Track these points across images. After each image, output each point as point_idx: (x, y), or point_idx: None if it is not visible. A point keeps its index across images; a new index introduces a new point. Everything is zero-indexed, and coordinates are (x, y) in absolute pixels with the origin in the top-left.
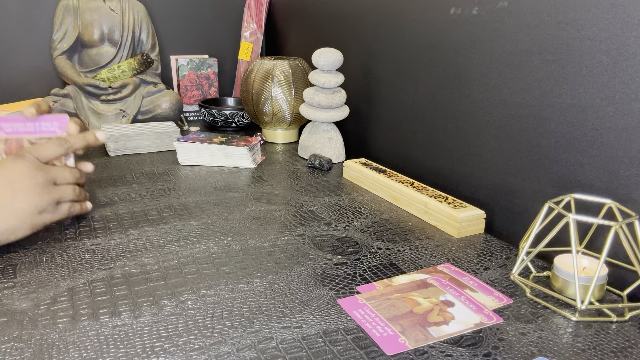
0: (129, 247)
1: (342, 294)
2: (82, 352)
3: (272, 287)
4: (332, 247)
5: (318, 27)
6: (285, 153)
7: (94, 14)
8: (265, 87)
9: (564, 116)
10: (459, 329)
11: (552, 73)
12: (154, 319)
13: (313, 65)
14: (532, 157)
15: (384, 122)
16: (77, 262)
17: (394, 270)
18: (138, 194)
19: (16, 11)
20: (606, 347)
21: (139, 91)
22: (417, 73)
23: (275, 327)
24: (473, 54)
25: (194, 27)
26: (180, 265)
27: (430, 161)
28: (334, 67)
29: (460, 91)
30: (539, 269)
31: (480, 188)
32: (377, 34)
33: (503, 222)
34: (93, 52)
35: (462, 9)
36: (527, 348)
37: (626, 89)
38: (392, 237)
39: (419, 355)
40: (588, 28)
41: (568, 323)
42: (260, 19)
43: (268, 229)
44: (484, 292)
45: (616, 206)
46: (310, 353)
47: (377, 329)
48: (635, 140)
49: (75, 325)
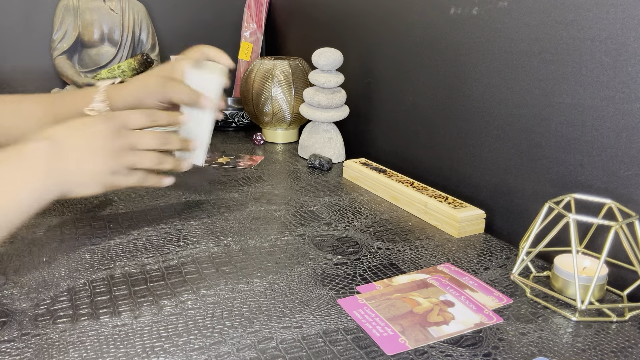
0: (129, 247)
1: (342, 294)
2: (82, 352)
3: (272, 287)
4: (332, 247)
5: (318, 27)
6: (285, 153)
7: (94, 14)
8: (265, 87)
9: (564, 116)
10: (459, 329)
11: (552, 73)
12: (154, 319)
13: (313, 65)
14: (532, 157)
15: (384, 122)
16: (77, 262)
17: (394, 270)
18: (138, 194)
19: (16, 11)
20: (606, 347)
21: None
22: (417, 73)
23: (275, 327)
24: (473, 54)
25: (194, 27)
26: (180, 265)
27: (430, 161)
28: (334, 67)
29: (460, 91)
30: (539, 269)
31: (480, 188)
32: (377, 34)
33: (503, 222)
34: (93, 52)
35: (462, 9)
36: (527, 348)
37: (626, 89)
38: (392, 237)
39: (419, 355)
40: (588, 28)
41: (568, 323)
42: (260, 19)
43: (268, 229)
44: (484, 292)
45: (616, 206)
46: (310, 353)
47: (377, 329)
48: (635, 140)
49: (75, 325)
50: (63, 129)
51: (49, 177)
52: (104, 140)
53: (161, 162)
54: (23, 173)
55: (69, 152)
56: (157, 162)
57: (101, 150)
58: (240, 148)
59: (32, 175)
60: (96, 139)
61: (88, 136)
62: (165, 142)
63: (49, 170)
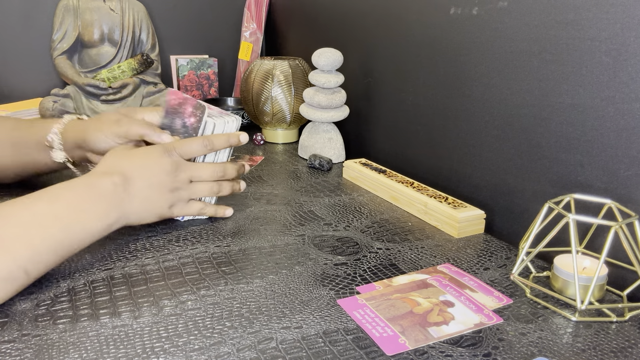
0: (129, 247)
1: (342, 294)
2: (82, 352)
3: (272, 288)
4: (332, 247)
5: (318, 27)
6: (285, 153)
7: (94, 14)
8: (265, 87)
9: (564, 116)
10: (459, 329)
11: (552, 73)
12: (154, 320)
13: (313, 65)
14: (532, 157)
15: (384, 122)
16: (77, 263)
17: (394, 270)
18: None
19: (16, 11)
20: (606, 347)
21: (139, 91)
22: (417, 73)
23: (275, 328)
24: (473, 54)
25: (194, 27)
26: (180, 265)
27: (430, 161)
28: (334, 67)
29: (460, 91)
30: (538, 269)
31: (480, 188)
32: (377, 34)
33: (503, 222)
34: (93, 52)
35: (462, 9)
36: (527, 348)
37: (626, 89)
38: (392, 238)
39: (419, 355)
40: (588, 28)
41: (568, 323)
42: (260, 19)
43: (268, 229)
44: (484, 292)
45: (616, 206)
46: (310, 353)
47: (377, 329)
48: (635, 140)
49: (75, 325)
50: (132, 165)
51: (117, 210)
52: (167, 176)
53: (220, 190)
54: (94, 204)
55: (137, 189)
56: (216, 191)
57: (164, 187)
58: (240, 148)
59: (103, 207)
60: (160, 175)
61: (153, 173)
62: (223, 173)
63: (118, 204)
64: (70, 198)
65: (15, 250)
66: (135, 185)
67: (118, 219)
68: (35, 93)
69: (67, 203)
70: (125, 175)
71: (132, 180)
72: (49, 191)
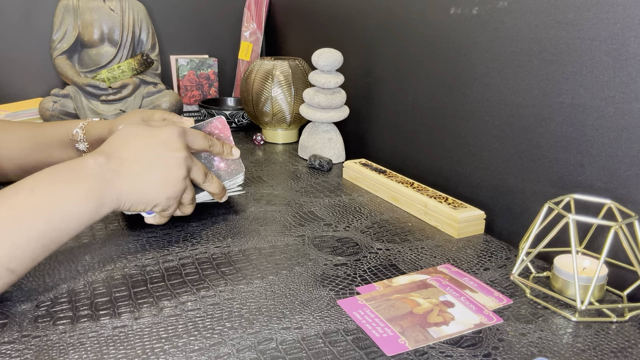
0: (128, 248)
1: (342, 294)
2: (82, 353)
3: (272, 288)
4: (332, 247)
5: (318, 27)
6: (285, 153)
7: (94, 14)
8: (265, 88)
9: (564, 116)
10: (459, 329)
11: (552, 73)
12: (154, 320)
13: (313, 65)
14: (532, 157)
15: (384, 122)
16: (76, 263)
17: (393, 270)
18: None
19: (16, 11)
20: (606, 348)
21: (139, 91)
22: (417, 73)
23: (275, 328)
24: (473, 54)
25: (194, 27)
26: (180, 266)
27: (430, 161)
28: (333, 68)
29: (460, 91)
30: (538, 270)
31: (480, 188)
32: (377, 34)
33: (503, 223)
34: (93, 52)
35: (462, 9)
36: (527, 348)
37: (626, 89)
38: (392, 238)
39: (419, 355)
40: (588, 28)
41: (568, 323)
42: (260, 19)
43: (268, 229)
44: (484, 292)
45: (616, 206)
46: (310, 354)
47: (377, 329)
48: (635, 140)
49: (75, 326)
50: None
51: (102, 192)
52: (177, 170)
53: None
54: (75, 189)
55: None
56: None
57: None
58: (240, 148)
59: (84, 190)
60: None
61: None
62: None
63: (103, 186)
64: (49, 184)
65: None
66: (132, 166)
67: (104, 203)
68: (35, 93)
69: (46, 191)
70: (113, 154)
71: (127, 159)
72: (28, 180)
